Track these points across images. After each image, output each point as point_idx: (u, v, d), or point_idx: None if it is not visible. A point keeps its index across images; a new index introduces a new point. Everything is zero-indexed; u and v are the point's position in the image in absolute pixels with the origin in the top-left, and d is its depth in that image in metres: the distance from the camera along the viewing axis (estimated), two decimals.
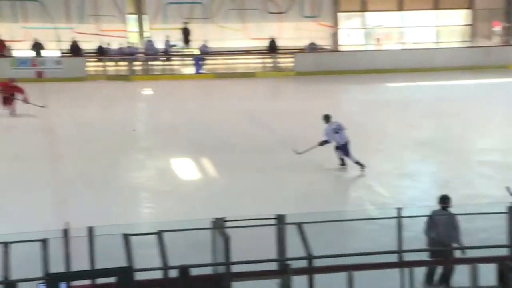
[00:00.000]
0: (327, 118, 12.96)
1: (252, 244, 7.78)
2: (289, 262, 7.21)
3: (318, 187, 12.38)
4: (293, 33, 28.68)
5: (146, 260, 7.18)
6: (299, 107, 19.44)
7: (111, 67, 26.01)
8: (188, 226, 7.50)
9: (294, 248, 7.28)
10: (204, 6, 27.81)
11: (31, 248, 6.92)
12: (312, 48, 27.49)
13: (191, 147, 14.84)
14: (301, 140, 13.58)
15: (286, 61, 27.80)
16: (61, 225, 7.40)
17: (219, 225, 7.45)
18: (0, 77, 23.08)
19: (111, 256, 7.03)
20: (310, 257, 7.05)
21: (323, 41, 28.73)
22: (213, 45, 27.08)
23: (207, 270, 7.31)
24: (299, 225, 7.29)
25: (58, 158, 14.15)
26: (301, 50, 27.76)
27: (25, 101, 17.86)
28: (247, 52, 28.09)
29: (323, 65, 26.37)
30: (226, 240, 7.02)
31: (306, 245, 7.11)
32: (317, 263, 7.10)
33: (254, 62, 28.00)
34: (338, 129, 12.72)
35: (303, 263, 7.09)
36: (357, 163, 12.74)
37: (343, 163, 12.96)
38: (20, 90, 17.87)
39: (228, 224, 7.52)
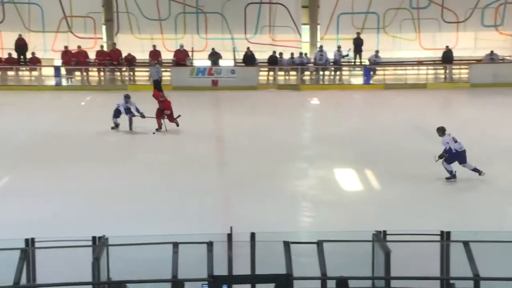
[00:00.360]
0: (442, 130, 12.97)
1: (414, 259, 7.53)
2: (453, 281, 6.87)
3: (487, 204, 11.71)
4: (470, 43, 27.46)
5: (305, 268, 7.21)
6: (470, 121, 18.54)
7: (281, 76, 26.59)
8: (348, 237, 7.42)
9: (460, 267, 6.92)
10: (378, 16, 27.55)
11: (198, 249, 7.21)
12: (491, 58, 26.08)
13: (355, 158, 14.71)
14: (468, 155, 12.90)
15: (460, 72, 26.66)
16: (226, 229, 7.67)
17: (380, 238, 7.30)
18: (179, 85, 24.87)
19: (271, 263, 7.15)
20: (477, 278, 6.66)
21: (504, 52, 27.16)
22: (385, 55, 26.67)
23: (366, 284, 7.18)
24: (465, 243, 6.93)
25: (225, 164, 14.66)
26: (478, 61, 26.46)
27: (170, 118, 17.33)
28: (419, 62, 27.33)
29: (502, 77, 24.88)
30: (387, 254, 6.85)
31: (473, 265, 6.74)
32: (485, 285, 6.69)
33: (426, 73, 27.17)
34: (456, 139, 12.79)
35: (469, 284, 6.72)
36: (475, 170, 12.75)
37: (453, 176, 12.80)
38: (168, 106, 17.30)
39: (389, 237, 7.35)
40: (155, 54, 25.93)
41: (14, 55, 25.79)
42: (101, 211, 11.24)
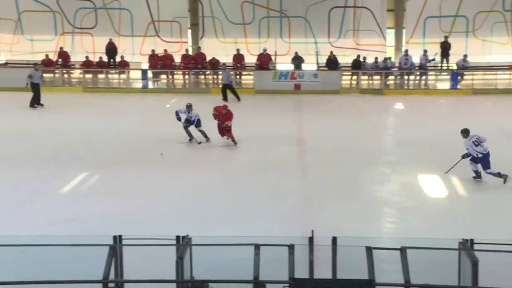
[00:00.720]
0: (466, 132, 13.29)
1: (504, 270, 7.26)
2: None
3: None
4: None
5: (388, 275, 7.09)
6: None
7: (365, 80, 26.30)
8: (432, 245, 7.23)
9: None
10: (467, 19, 26.82)
11: (279, 252, 7.23)
12: None
13: (439, 163, 14.29)
14: None
15: None
16: (307, 233, 7.65)
17: (467, 246, 7.09)
18: (262, 88, 25.06)
19: (352, 267, 7.07)
20: None
21: None
22: (474, 59, 25.93)
23: None
24: None
25: (307, 168, 14.61)
26: None
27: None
28: (511, 67, 26.38)
29: None
30: (475, 263, 6.65)
31: None
32: None
33: None
34: (477, 142, 13.02)
35: None
36: (499, 174, 12.82)
37: (478, 176, 13.08)
38: (230, 117, 16.28)
39: (477, 246, 7.12)
40: (238, 58, 26.26)
41: (105, 58, 26.74)
42: (184, 211, 11.46)
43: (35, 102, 21.80)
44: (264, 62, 26.09)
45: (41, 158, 15.15)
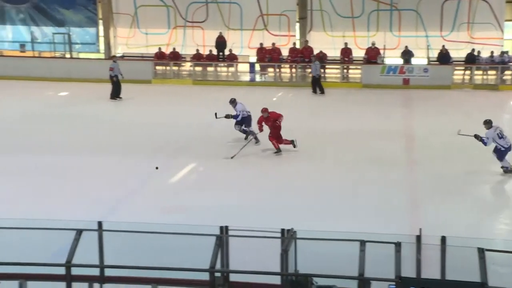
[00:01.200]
0: (489, 123, 13.19)
1: None
2: None
3: None
4: None
5: (502, 279, 6.77)
6: None
7: (479, 76, 25.27)
8: None
9: None
10: None
11: (385, 249, 7.07)
12: None
13: None
14: None
15: None
16: (415, 230, 7.44)
17: None
18: (369, 83, 24.69)
19: (461, 269, 6.81)
20: None
21: None
22: None
23: None
24: None
25: (415, 164, 14.26)
26: None
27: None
28: None
29: None
30: None
31: None
32: None
33: None
34: (501, 135, 12.96)
35: None
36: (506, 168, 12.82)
37: (509, 170, 12.97)
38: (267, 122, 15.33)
39: None
40: (346, 52, 25.99)
41: (214, 51, 27.26)
42: (288, 205, 11.48)
43: (115, 94, 22.35)
44: (372, 56, 25.69)
45: (152, 148, 15.66)
